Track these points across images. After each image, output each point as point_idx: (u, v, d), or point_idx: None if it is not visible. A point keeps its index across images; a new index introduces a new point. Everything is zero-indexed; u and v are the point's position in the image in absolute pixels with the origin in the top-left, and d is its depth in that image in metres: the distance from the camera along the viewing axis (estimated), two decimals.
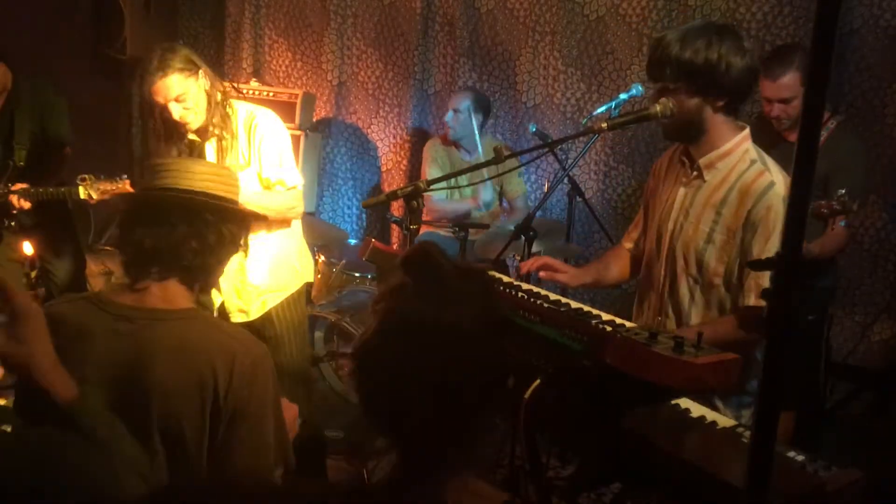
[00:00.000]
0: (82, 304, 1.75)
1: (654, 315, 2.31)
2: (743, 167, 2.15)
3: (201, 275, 1.79)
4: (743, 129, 2.19)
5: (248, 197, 2.79)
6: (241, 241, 1.88)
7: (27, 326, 1.32)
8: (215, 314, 3.09)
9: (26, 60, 3.71)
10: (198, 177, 1.80)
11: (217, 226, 1.77)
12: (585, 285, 2.52)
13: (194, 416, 1.65)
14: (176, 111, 2.85)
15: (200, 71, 2.88)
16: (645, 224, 2.45)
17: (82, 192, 3.32)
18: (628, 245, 2.53)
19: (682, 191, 2.24)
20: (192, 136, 2.98)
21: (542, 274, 2.31)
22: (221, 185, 1.84)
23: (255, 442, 1.68)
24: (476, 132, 4.42)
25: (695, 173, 2.21)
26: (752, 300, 2.09)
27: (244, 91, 4.71)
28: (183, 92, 2.84)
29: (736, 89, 2.10)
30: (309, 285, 3.33)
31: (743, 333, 2.09)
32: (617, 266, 2.50)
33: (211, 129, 2.94)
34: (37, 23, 4.94)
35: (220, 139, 2.96)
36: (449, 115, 4.45)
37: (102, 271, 5.00)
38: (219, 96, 2.94)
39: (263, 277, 3.08)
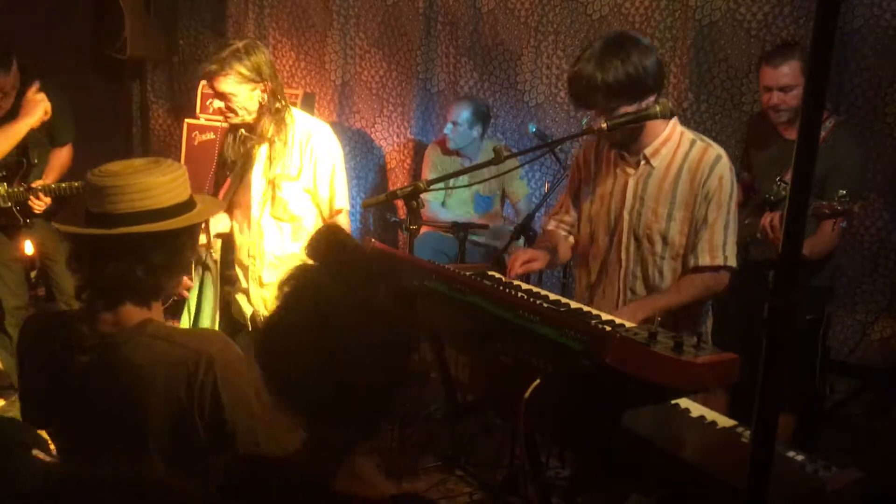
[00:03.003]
0: (48, 333, 1.72)
1: (618, 297, 2.48)
2: (686, 147, 2.37)
3: (154, 295, 1.72)
4: (672, 114, 2.36)
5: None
6: (195, 249, 1.81)
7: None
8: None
9: (26, 61, 3.72)
10: (139, 194, 1.65)
11: (166, 244, 1.68)
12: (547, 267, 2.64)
13: (170, 429, 1.62)
14: (218, 103, 2.93)
15: (262, 84, 2.87)
16: (578, 214, 2.59)
17: None
18: (563, 232, 2.64)
19: (631, 181, 2.41)
20: (246, 134, 2.98)
21: (519, 269, 2.37)
22: (167, 191, 1.69)
23: (248, 429, 1.65)
24: (478, 142, 4.42)
25: (642, 162, 2.39)
26: (706, 259, 2.34)
27: None
28: (233, 94, 2.86)
29: (657, 84, 2.29)
30: None
31: (708, 291, 2.39)
32: (562, 249, 2.63)
33: (263, 133, 2.95)
34: (37, 23, 4.94)
35: (271, 145, 2.97)
36: (448, 128, 4.43)
37: None
38: (276, 106, 2.93)
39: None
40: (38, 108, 3.40)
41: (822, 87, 1.04)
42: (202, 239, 1.80)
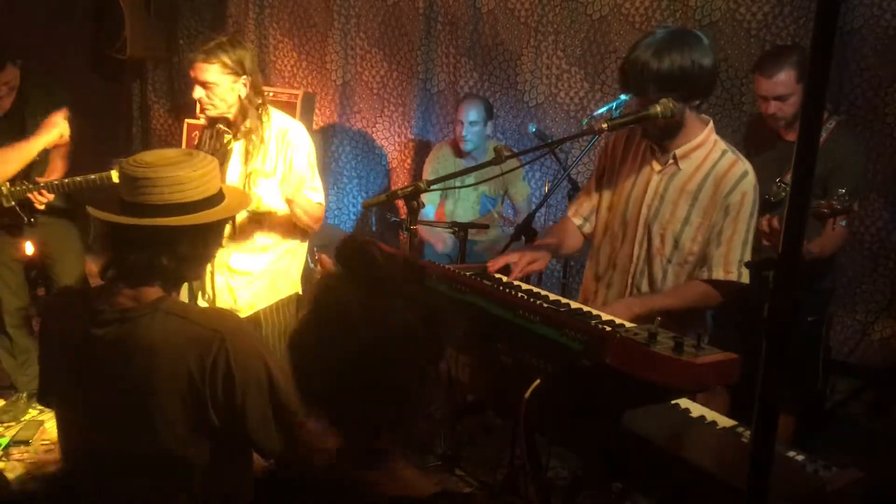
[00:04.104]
0: (68, 308, 1.77)
1: (624, 293, 2.48)
2: (716, 156, 2.35)
3: (176, 282, 1.79)
4: (708, 122, 2.38)
5: (302, 196, 2.95)
6: (219, 241, 1.87)
7: None
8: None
9: (26, 60, 3.71)
10: (171, 187, 1.71)
11: (189, 237, 1.74)
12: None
13: (180, 405, 1.66)
14: (198, 92, 2.95)
15: (244, 77, 2.93)
16: (598, 201, 2.59)
17: (115, 177, 3.28)
18: (577, 221, 2.65)
19: (655, 178, 2.40)
20: (223, 128, 3.04)
21: (521, 274, 2.37)
22: (198, 185, 1.75)
23: (259, 410, 1.68)
24: (486, 140, 4.40)
25: (670, 162, 2.38)
26: (720, 274, 2.32)
27: None
28: (214, 83, 2.91)
29: (709, 88, 2.29)
30: (299, 297, 3.34)
31: (709, 301, 2.36)
32: (570, 240, 2.65)
33: (243, 129, 2.99)
34: (37, 23, 4.94)
35: (248, 141, 3.00)
36: (466, 129, 4.31)
37: None
38: (256, 102, 2.98)
39: (262, 281, 3.11)
40: (55, 130, 3.44)
41: (822, 87, 1.04)
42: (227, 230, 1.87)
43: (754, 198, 2.31)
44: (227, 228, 1.89)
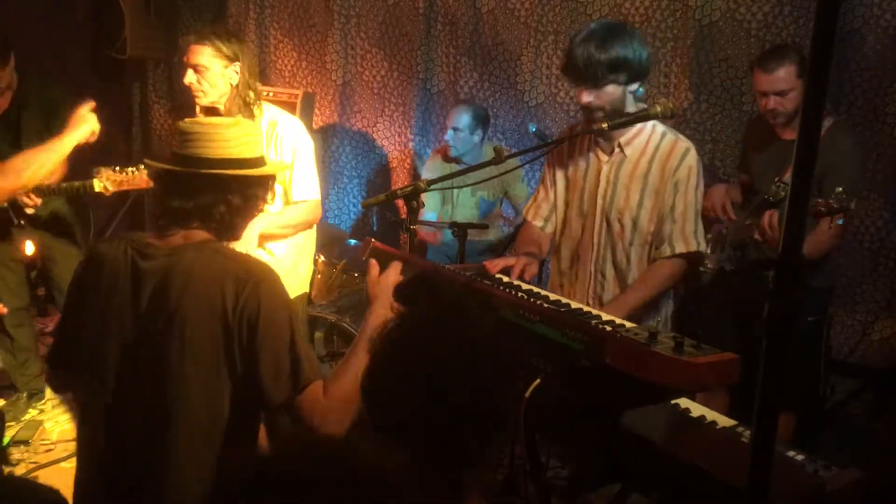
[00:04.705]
0: (118, 245, 1.85)
1: (589, 280, 2.58)
2: (657, 139, 2.50)
3: (228, 231, 1.91)
4: (673, 114, 2.48)
5: (273, 218, 2.88)
6: (265, 198, 1.99)
7: None
8: None
9: (26, 60, 3.71)
10: (224, 143, 1.86)
11: (243, 190, 1.88)
12: None
13: (209, 337, 1.73)
14: (188, 76, 2.93)
15: (236, 64, 2.91)
16: (554, 199, 2.69)
17: (97, 186, 3.28)
18: (539, 223, 2.72)
19: (605, 168, 2.53)
20: None
21: (518, 274, 2.41)
22: (246, 145, 1.90)
23: (274, 355, 1.72)
24: (478, 147, 4.38)
25: (616, 150, 2.51)
26: (681, 247, 2.45)
27: None
28: (205, 66, 2.89)
29: (645, 76, 2.45)
30: (308, 296, 3.33)
31: (676, 280, 2.51)
32: (543, 245, 2.72)
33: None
34: (36, 23, 4.94)
35: None
36: (449, 134, 4.36)
37: None
38: (249, 96, 2.96)
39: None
40: (86, 126, 3.29)
41: (823, 87, 1.04)
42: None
43: (699, 171, 2.47)
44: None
